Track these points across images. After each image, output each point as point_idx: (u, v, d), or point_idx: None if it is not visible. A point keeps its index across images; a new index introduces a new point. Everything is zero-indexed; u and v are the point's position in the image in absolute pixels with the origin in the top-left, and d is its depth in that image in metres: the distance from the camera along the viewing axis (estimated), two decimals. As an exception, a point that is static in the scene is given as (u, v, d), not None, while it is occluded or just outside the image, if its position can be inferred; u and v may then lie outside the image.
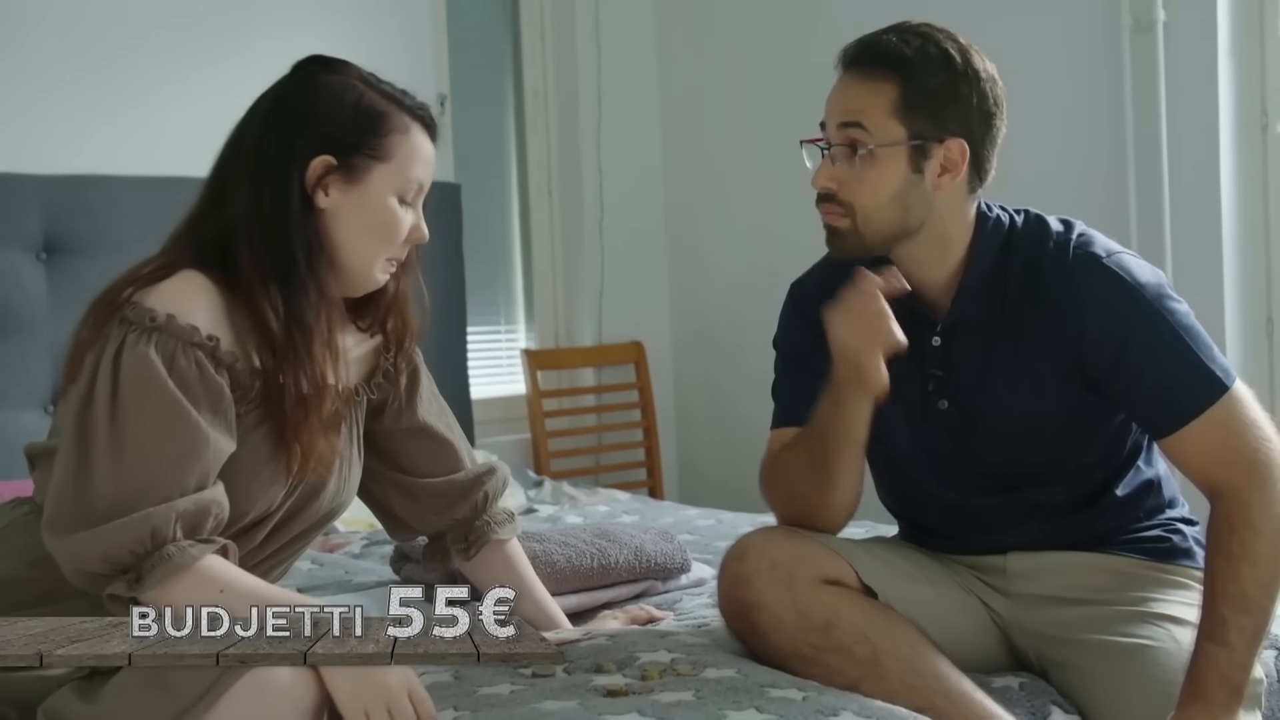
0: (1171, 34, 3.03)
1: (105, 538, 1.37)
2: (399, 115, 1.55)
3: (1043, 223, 1.73)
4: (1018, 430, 1.70)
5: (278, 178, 1.50)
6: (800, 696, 1.50)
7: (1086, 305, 1.64)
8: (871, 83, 1.64)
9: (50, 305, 2.84)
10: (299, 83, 1.57)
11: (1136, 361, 1.63)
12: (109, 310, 1.45)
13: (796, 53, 3.62)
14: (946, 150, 1.64)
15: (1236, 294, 3.05)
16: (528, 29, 4.06)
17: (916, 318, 1.73)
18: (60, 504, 1.40)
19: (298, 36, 3.35)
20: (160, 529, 1.38)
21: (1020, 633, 1.76)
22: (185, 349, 1.43)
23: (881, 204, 1.65)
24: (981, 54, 1.68)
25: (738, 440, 3.99)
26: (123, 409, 1.40)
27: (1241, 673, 1.54)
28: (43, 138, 2.94)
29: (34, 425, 2.75)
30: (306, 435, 1.50)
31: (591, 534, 2.11)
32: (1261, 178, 3.04)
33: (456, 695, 1.54)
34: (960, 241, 1.71)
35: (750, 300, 3.93)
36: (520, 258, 4.10)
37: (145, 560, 1.38)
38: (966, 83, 1.64)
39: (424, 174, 1.57)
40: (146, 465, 1.39)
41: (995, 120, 1.67)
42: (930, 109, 1.63)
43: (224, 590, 1.39)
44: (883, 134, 1.63)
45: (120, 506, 1.38)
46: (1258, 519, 1.57)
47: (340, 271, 1.55)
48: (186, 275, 1.47)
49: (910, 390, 1.74)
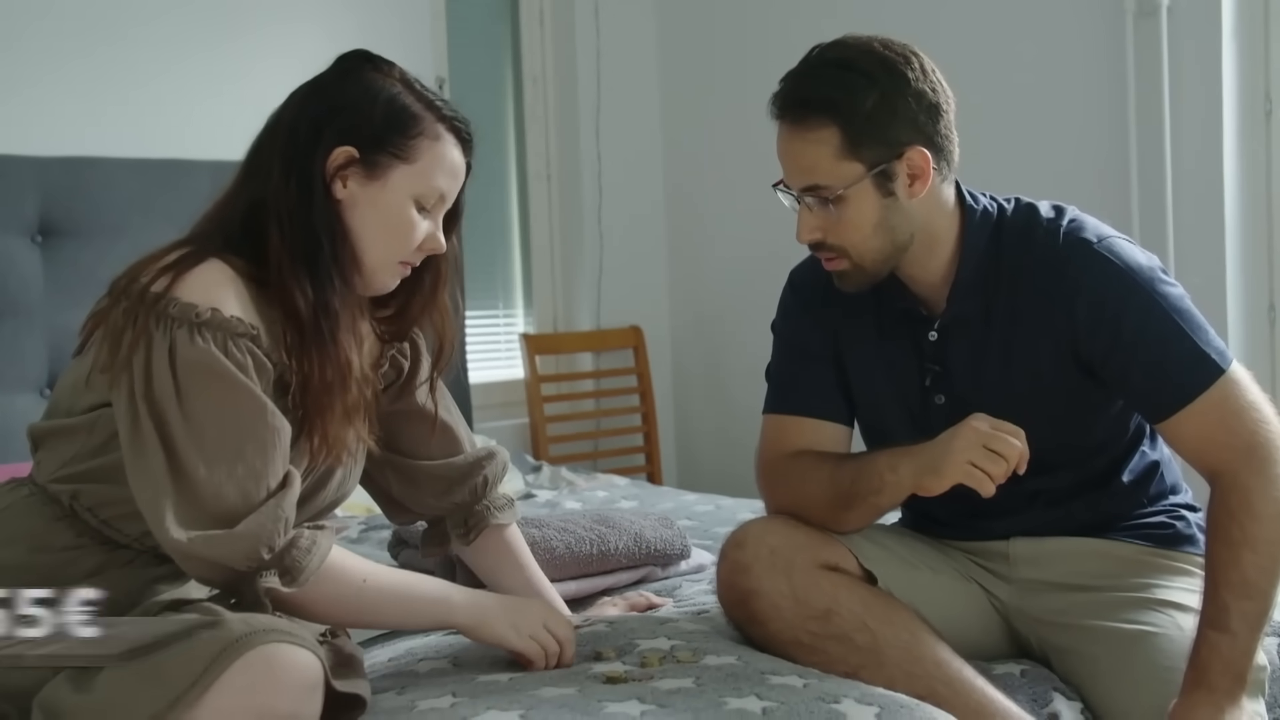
0: (1175, 19, 3.02)
1: (245, 534, 1.37)
2: (432, 122, 1.54)
3: (1032, 210, 1.71)
4: (1017, 419, 1.69)
5: (305, 162, 1.51)
6: (801, 683, 1.49)
7: (1078, 290, 1.63)
8: (809, 133, 1.62)
9: (46, 288, 2.82)
10: (339, 74, 1.57)
11: (1130, 346, 1.62)
12: (141, 302, 1.43)
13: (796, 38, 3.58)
14: (908, 162, 1.63)
15: (1239, 279, 3.04)
16: (527, 14, 4.04)
17: (912, 314, 1.73)
18: (174, 509, 1.38)
19: (296, 21, 3.34)
20: (289, 518, 1.40)
21: (1022, 619, 1.75)
22: (235, 340, 1.43)
23: (868, 236, 1.64)
24: (905, 50, 1.64)
25: (736, 425, 3.98)
26: (196, 406, 1.39)
27: (1245, 659, 1.53)
28: (39, 120, 2.93)
29: (29, 408, 2.74)
30: (330, 422, 1.50)
31: (591, 520, 2.11)
32: (1265, 163, 3.03)
33: (455, 682, 1.54)
34: (948, 232, 1.70)
35: (749, 285, 3.92)
36: (519, 242, 4.09)
37: (286, 554, 1.40)
38: (898, 93, 1.61)
39: (447, 184, 1.56)
40: (241, 456, 1.40)
41: (942, 107, 1.64)
42: (875, 134, 1.61)
43: (366, 581, 1.49)
44: (841, 178, 1.61)
45: (243, 502, 1.38)
46: (1257, 503, 1.56)
47: (355, 265, 1.55)
48: (214, 265, 1.46)
49: (909, 385, 1.73)
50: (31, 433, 1.55)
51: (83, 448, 1.47)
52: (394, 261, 1.56)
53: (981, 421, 1.56)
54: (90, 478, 1.47)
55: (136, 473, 1.40)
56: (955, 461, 1.55)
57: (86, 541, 1.47)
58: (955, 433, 1.57)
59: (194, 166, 2.99)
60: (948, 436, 1.57)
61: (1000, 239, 1.70)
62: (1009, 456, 1.54)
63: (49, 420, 1.53)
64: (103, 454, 1.46)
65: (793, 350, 1.82)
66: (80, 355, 1.52)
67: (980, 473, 1.54)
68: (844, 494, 1.67)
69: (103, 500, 1.47)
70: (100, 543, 1.47)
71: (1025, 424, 1.69)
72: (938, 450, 1.57)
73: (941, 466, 1.56)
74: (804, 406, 1.78)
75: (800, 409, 1.78)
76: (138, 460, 1.40)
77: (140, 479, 1.39)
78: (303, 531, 1.43)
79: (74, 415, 1.49)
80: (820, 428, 1.77)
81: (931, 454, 1.58)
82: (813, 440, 1.76)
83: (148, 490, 1.39)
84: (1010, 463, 1.54)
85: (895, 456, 1.62)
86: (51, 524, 1.47)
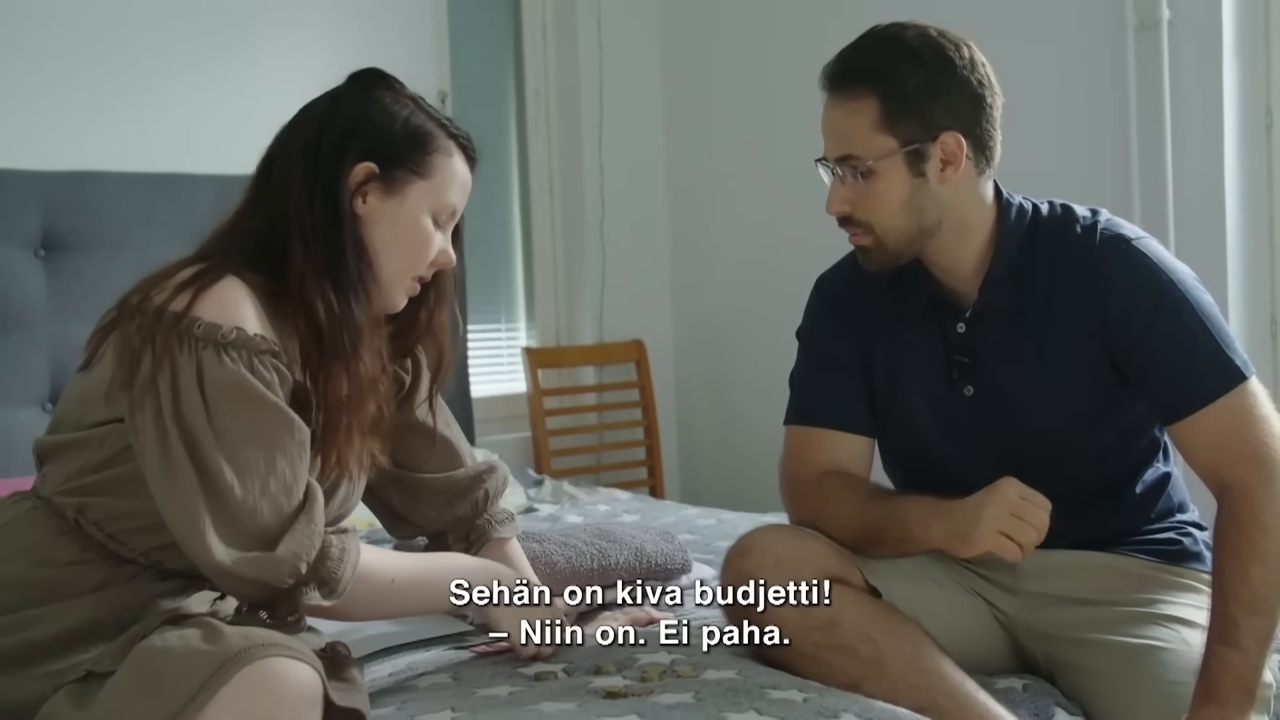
0: (1176, 32, 3.02)
1: (287, 552, 1.39)
2: (445, 139, 1.58)
3: (1069, 210, 1.73)
4: (1043, 412, 1.70)
5: (330, 178, 1.52)
6: (801, 698, 1.49)
7: (1113, 284, 1.65)
8: (851, 103, 1.65)
9: (48, 302, 2.82)
10: (355, 91, 1.59)
11: (1156, 344, 1.63)
12: (160, 321, 1.42)
13: (799, 50, 3.60)
14: (942, 145, 1.64)
15: (1241, 293, 3.04)
16: (529, 26, 4.05)
17: (941, 305, 1.73)
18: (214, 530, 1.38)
19: (299, 34, 3.35)
20: (320, 531, 1.42)
21: (1028, 633, 1.75)
22: (260, 358, 1.43)
23: (894, 213, 1.65)
24: (959, 40, 1.67)
25: (739, 439, 3.99)
26: (227, 426, 1.40)
27: (1255, 674, 1.53)
28: (42, 134, 2.93)
29: (32, 422, 2.74)
30: (345, 437, 1.51)
31: (592, 534, 2.10)
32: (1266, 176, 3.03)
33: (455, 696, 1.54)
34: (982, 227, 1.71)
35: (752, 299, 3.93)
36: (521, 255, 4.09)
37: (321, 565, 1.42)
38: (943, 75, 1.64)
39: (458, 199, 1.60)
40: (273, 473, 1.40)
41: (986, 100, 1.66)
42: (913, 112, 1.63)
43: (395, 580, 1.53)
44: (875, 150, 1.63)
45: (279, 520, 1.40)
46: (1265, 515, 1.56)
47: (375, 280, 1.56)
48: (232, 282, 1.46)
49: (935, 377, 1.74)
50: (38, 448, 1.54)
51: (90, 460, 1.47)
52: (408, 276, 1.58)
53: (1011, 489, 1.57)
54: (98, 490, 1.46)
55: (169, 495, 1.39)
56: (985, 531, 1.56)
57: (91, 556, 1.46)
58: (985, 499, 1.57)
59: (196, 180, 3.00)
60: (977, 504, 1.58)
61: (1036, 234, 1.71)
62: (1038, 525, 1.55)
63: (56, 435, 1.52)
64: (112, 466, 1.45)
65: (819, 359, 1.83)
66: (86, 369, 1.51)
67: (1010, 542, 1.55)
68: (873, 533, 1.68)
69: (110, 514, 1.46)
70: (105, 557, 1.47)
71: (1048, 419, 1.69)
72: (969, 517, 1.58)
73: (971, 535, 1.57)
74: (829, 418, 1.79)
75: (825, 421, 1.79)
76: (170, 482, 1.39)
77: (173, 501, 1.39)
78: (330, 539, 1.44)
79: (82, 429, 1.49)
80: (846, 440, 1.78)
81: (963, 519, 1.58)
82: (838, 453, 1.77)
83: (182, 512, 1.38)
84: (1041, 532, 1.55)
85: (926, 513, 1.63)
86: (56, 538, 1.46)
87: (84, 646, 1.41)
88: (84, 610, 1.44)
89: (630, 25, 4.08)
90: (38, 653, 1.41)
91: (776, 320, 1.88)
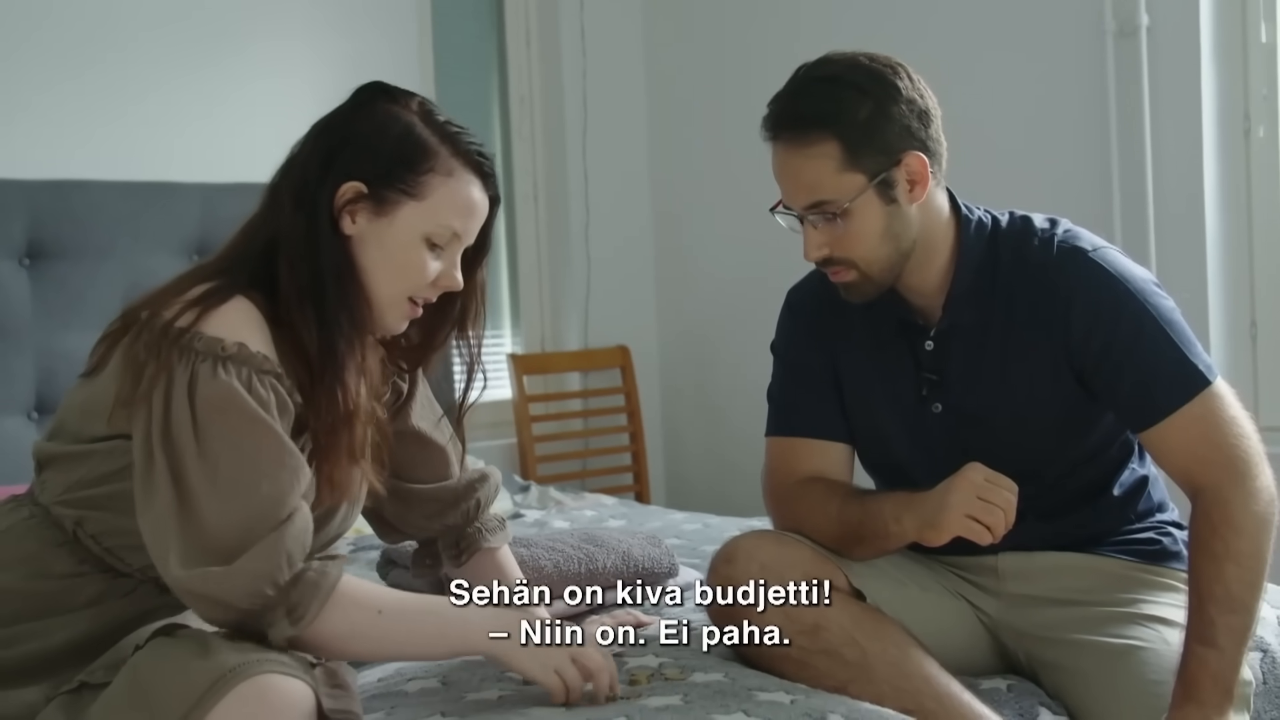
0: (1155, 39, 3.05)
1: (243, 571, 1.32)
2: (446, 157, 1.51)
3: (1027, 220, 1.74)
4: (1012, 426, 1.71)
5: (314, 197, 1.47)
6: (788, 700, 1.50)
7: (1073, 297, 1.65)
8: (809, 148, 1.63)
9: (34, 311, 2.81)
10: (352, 107, 1.53)
11: (1119, 353, 1.64)
12: (165, 337, 1.39)
13: (782, 58, 3.60)
14: (907, 167, 1.65)
15: (1220, 297, 3.06)
16: (513, 35, 4.06)
17: (908, 324, 1.74)
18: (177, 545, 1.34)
19: (283, 43, 3.35)
20: (293, 553, 1.35)
21: (1010, 634, 1.76)
22: (260, 376, 1.39)
23: (874, 246, 1.66)
24: (887, 60, 1.67)
25: (724, 444, 4.00)
26: (212, 440, 1.35)
27: (1232, 672, 1.55)
28: (27, 143, 2.93)
29: (18, 432, 2.74)
30: (336, 463, 1.47)
31: (579, 539, 2.11)
32: (1245, 182, 3.05)
33: (444, 700, 1.54)
34: (944, 241, 1.72)
35: (736, 305, 3.94)
36: (506, 262, 4.10)
37: (292, 590, 1.35)
38: (890, 99, 1.64)
39: (461, 223, 1.51)
40: (254, 493, 1.35)
41: (931, 113, 1.67)
42: (873, 143, 1.63)
43: (382, 611, 1.41)
44: (846, 191, 1.63)
45: (245, 537, 1.33)
46: (1238, 516, 1.58)
47: (366, 303, 1.51)
48: (241, 302, 1.43)
49: (905, 394, 1.75)
50: (38, 453, 1.51)
51: (90, 473, 1.44)
52: (402, 299, 1.51)
53: (976, 473, 1.59)
54: (97, 505, 1.44)
55: (145, 507, 1.37)
56: (953, 516, 1.58)
57: (88, 569, 1.45)
58: (950, 486, 1.59)
59: (182, 189, 3.00)
60: (943, 490, 1.60)
61: (996, 248, 1.72)
62: (1005, 507, 1.56)
63: (57, 442, 1.50)
64: (113, 481, 1.43)
65: (794, 372, 1.84)
66: (89, 376, 1.48)
67: (978, 525, 1.57)
68: (851, 533, 1.69)
69: (108, 529, 1.44)
70: (102, 571, 1.45)
71: (1018, 431, 1.71)
72: (936, 504, 1.60)
73: (939, 521, 1.59)
74: (808, 428, 1.80)
75: (804, 430, 1.80)
76: (147, 495, 1.36)
77: (148, 514, 1.36)
78: (310, 565, 1.38)
79: (83, 441, 1.46)
80: (826, 449, 1.79)
81: (931, 507, 1.60)
82: (819, 462, 1.78)
83: (154, 525, 1.36)
84: (1008, 514, 1.56)
85: (899, 506, 1.65)
86: (53, 549, 1.45)
87: (80, 661, 1.40)
88: (80, 625, 1.43)
89: (614, 32, 4.10)
90: (35, 666, 1.40)
91: (761, 325, 1.89)
